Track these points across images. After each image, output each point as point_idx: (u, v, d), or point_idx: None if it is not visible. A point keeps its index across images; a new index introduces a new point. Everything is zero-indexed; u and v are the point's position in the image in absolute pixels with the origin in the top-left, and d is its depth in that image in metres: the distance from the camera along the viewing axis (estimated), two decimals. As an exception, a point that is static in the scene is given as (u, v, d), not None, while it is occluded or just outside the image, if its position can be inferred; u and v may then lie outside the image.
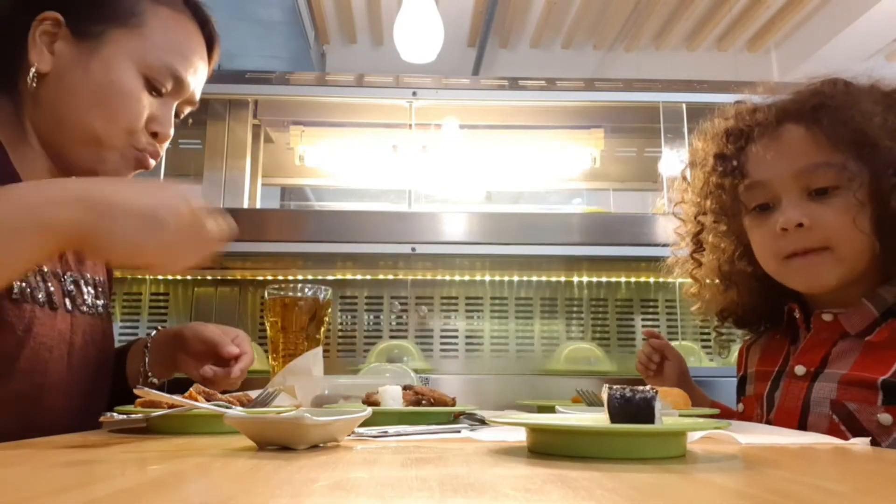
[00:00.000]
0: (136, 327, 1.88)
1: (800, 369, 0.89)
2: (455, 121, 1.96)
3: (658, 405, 0.53)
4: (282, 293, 1.12)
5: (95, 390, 0.93)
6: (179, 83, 0.85)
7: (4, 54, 0.80)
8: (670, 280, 1.83)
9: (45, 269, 0.82)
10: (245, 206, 1.88)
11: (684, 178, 1.02)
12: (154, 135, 0.86)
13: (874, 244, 0.82)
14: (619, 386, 0.55)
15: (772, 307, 0.98)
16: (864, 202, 0.80)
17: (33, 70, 0.79)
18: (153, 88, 0.83)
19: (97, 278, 0.95)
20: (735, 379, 1.09)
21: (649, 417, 0.53)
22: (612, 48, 4.43)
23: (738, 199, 0.91)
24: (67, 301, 0.86)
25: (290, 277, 1.87)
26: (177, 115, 0.91)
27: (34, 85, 0.79)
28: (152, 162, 0.87)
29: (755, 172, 0.88)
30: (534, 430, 0.57)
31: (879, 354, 0.81)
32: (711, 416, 0.90)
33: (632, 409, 0.53)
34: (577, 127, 2.01)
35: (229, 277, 1.92)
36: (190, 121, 2.08)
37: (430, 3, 2.73)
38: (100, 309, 0.93)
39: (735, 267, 0.96)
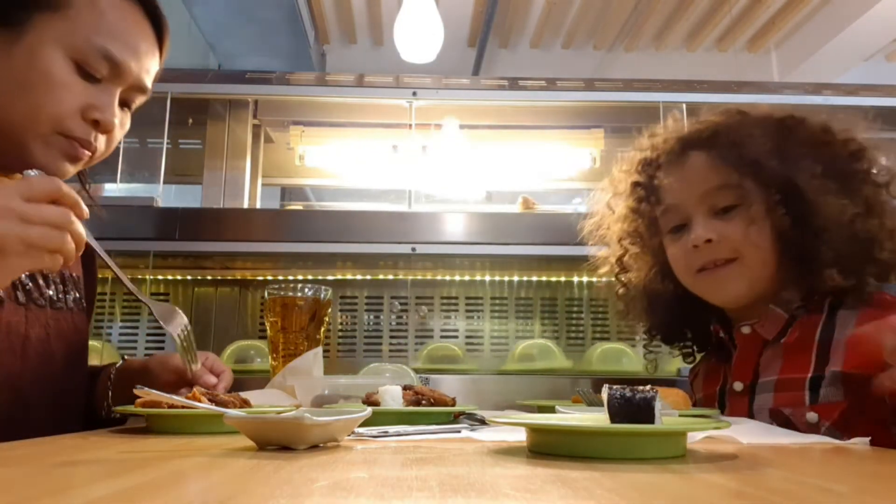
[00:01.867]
0: (137, 327, 1.88)
1: (738, 385, 0.94)
2: (455, 121, 1.96)
3: (658, 405, 0.53)
4: (282, 293, 1.12)
5: (65, 384, 0.90)
6: (116, 66, 0.79)
7: None
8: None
9: None
10: (245, 206, 1.88)
11: (608, 206, 1.09)
12: (95, 124, 0.80)
13: (775, 254, 0.89)
14: (619, 386, 0.55)
15: (695, 324, 1.05)
16: (761, 217, 0.88)
17: None
18: (86, 74, 0.79)
19: (68, 273, 0.92)
20: None
21: (649, 417, 0.53)
22: (612, 48, 4.43)
23: (656, 222, 1.00)
24: (20, 294, 0.83)
25: (290, 277, 1.87)
26: (128, 104, 0.86)
27: None
28: (85, 153, 0.81)
29: (667, 198, 0.96)
30: (534, 430, 0.57)
31: (797, 355, 0.87)
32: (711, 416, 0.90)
33: (632, 409, 0.53)
34: (577, 127, 2.01)
35: (229, 277, 1.92)
36: (190, 120, 2.08)
37: (430, 3, 2.73)
38: (70, 303, 0.91)
39: (658, 286, 1.04)
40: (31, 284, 0.85)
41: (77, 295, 0.94)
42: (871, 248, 0.85)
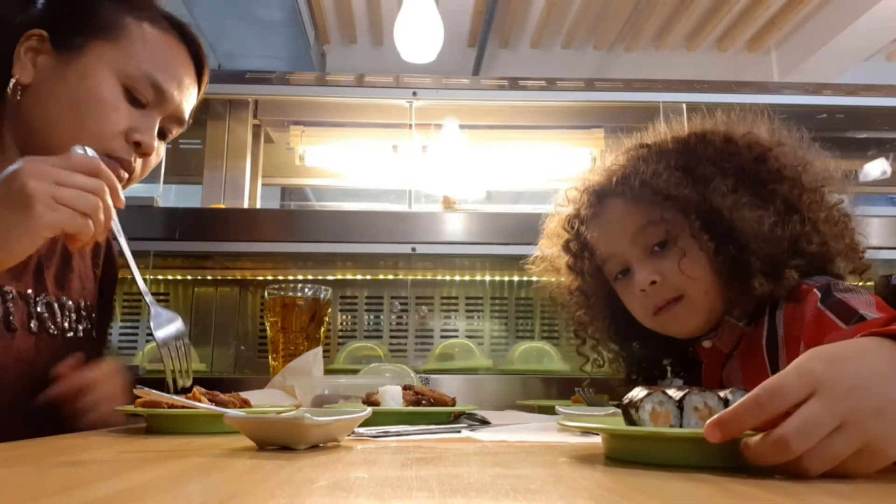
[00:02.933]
0: (137, 327, 1.88)
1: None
2: (455, 121, 1.96)
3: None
4: (282, 293, 1.12)
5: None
6: (161, 94, 0.85)
7: None
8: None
9: (10, 291, 0.81)
10: (245, 205, 1.88)
11: (552, 268, 1.07)
12: (137, 146, 0.85)
13: (715, 277, 0.88)
14: (696, 388, 0.52)
15: (674, 350, 1.03)
16: (690, 246, 0.88)
17: (13, 81, 0.81)
18: (134, 99, 0.84)
19: (83, 302, 0.95)
20: None
21: None
22: (612, 48, 4.43)
23: (599, 271, 0.99)
24: (34, 323, 0.85)
25: (290, 277, 1.87)
26: (165, 134, 0.91)
27: (18, 98, 0.81)
28: (124, 174, 0.85)
29: (602, 248, 0.96)
30: (618, 436, 0.52)
31: (752, 365, 0.87)
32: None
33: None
34: (577, 127, 2.01)
35: (229, 277, 1.92)
36: (190, 121, 2.08)
37: (430, 3, 2.73)
38: (79, 333, 0.93)
39: (624, 329, 1.01)
40: (46, 313, 0.87)
41: (89, 325, 0.95)
42: (797, 245, 0.84)
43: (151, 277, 1.85)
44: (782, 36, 4.21)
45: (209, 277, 1.89)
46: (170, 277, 1.89)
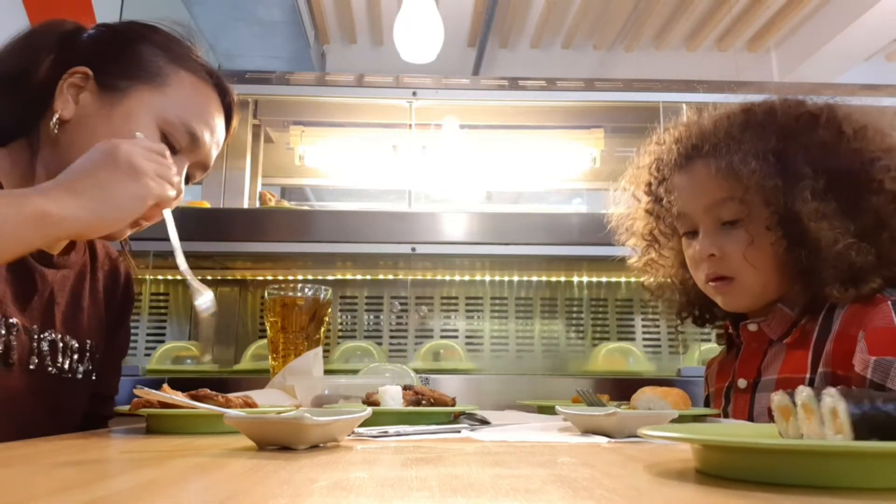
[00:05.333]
0: (136, 327, 1.88)
1: (742, 382, 0.94)
2: (455, 121, 1.96)
3: None
4: (282, 293, 1.12)
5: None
6: (195, 141, 0.89)
7: (31, 101, 0.84)
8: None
9: (16, 324, 0.80)
10: (245, 206, 1.88)
11: (634, 197, 1.08)
12: None
13: (776, 269, 0.87)
14: (856, 390, 0.42)
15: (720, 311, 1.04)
16: (757, 237, 0.87)
17: (57, 116, 0.82)
18: (169, 145, 0.86)
19: (89, 342, 0.94)
20: None
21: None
22: (612, 48, 4.43)
23: (673, 222, 0.99)
24: (34, 359, 0.83)
25: (290, 277, 1.87)
26: (189, 178, 0.93)
27: (56, 131, 0.82)
28: (145, 223, 0.85)
29: (677, 205, 0.96)
30: (721, 449, 0.43)
31: (797, 355, 0.86)
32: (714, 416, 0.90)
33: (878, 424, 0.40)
34: (577, 127, 2.01)
35: (229, 277, 1.92)
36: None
37: (430, 3, 2.73)
38: (78, 374, 0.91)
39: (683, 278, 1.04)
40: (48, 350, 0.86)
41: (90, 367, 0.94)
42: (881, 259, 0.81)
43: (151, 277, 1.85)
44: (782, 36, 4.21)
45: (209, 277, 1.89)
46: (170, 277, 1.89)
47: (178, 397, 0.72)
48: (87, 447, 0.61)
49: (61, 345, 0.88)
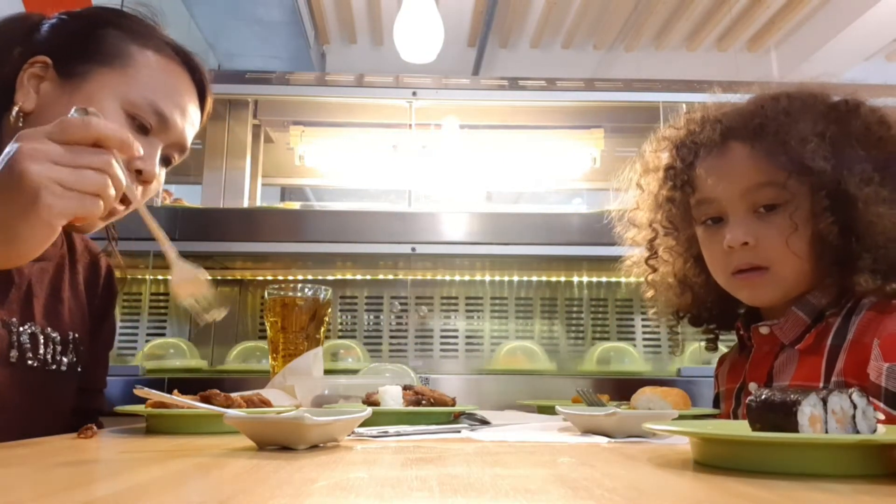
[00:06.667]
0: (136, 327, 1.88)
1: (752, 386, 0.91)
2: (455, 121, 1.96)
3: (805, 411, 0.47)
4: (282, 293, 1.12)
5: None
6: (164, 121, 0.85)
7: None
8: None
9: None
10: (245, 206, 1.88)
11: (639, 185, 1.03)
12: (138, 173, 0.84)
13: (812, 259, 0.84)
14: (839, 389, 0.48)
15: (722, 310, 1.01)
16: (801, 223, 0.82)
17: (16, 109, 0.80)
18: (138, 126, 0.83)
19: (71, 334, 0.93)
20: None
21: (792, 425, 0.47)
22: (612, 48, 4.43)
23: (689, 211, 0.93)
24: (14, 353, 0.82)
25: (290, 277, 1.87)
26: (167, 161, 0.90)
27: (20, 124, 0.80)
28: (121, 208, 0.81)
29: (704, 188, 0.90)
30: (715, 441, 0.49)
31: (810, 362, 0.83)
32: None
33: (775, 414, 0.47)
34: (577, 127, 2.01)
35: (229, 277, 1.92)
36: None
37: (430, 3, 2.73)
38: (62, 366, 0.91)
39: (688, 275, 0.99)
40: (29, 343, 0.84)
41: (74, 358, 0.93)
42: None
43: (151, 277, 1.85)
44: (782, 36, 4.21)
45: (209, 277, 1.89)
46: (169, 277, 1.89)
47: (180, 399, 0.72)
48: (86, 447, 0.61)
49: (42, 337, 0.87)
